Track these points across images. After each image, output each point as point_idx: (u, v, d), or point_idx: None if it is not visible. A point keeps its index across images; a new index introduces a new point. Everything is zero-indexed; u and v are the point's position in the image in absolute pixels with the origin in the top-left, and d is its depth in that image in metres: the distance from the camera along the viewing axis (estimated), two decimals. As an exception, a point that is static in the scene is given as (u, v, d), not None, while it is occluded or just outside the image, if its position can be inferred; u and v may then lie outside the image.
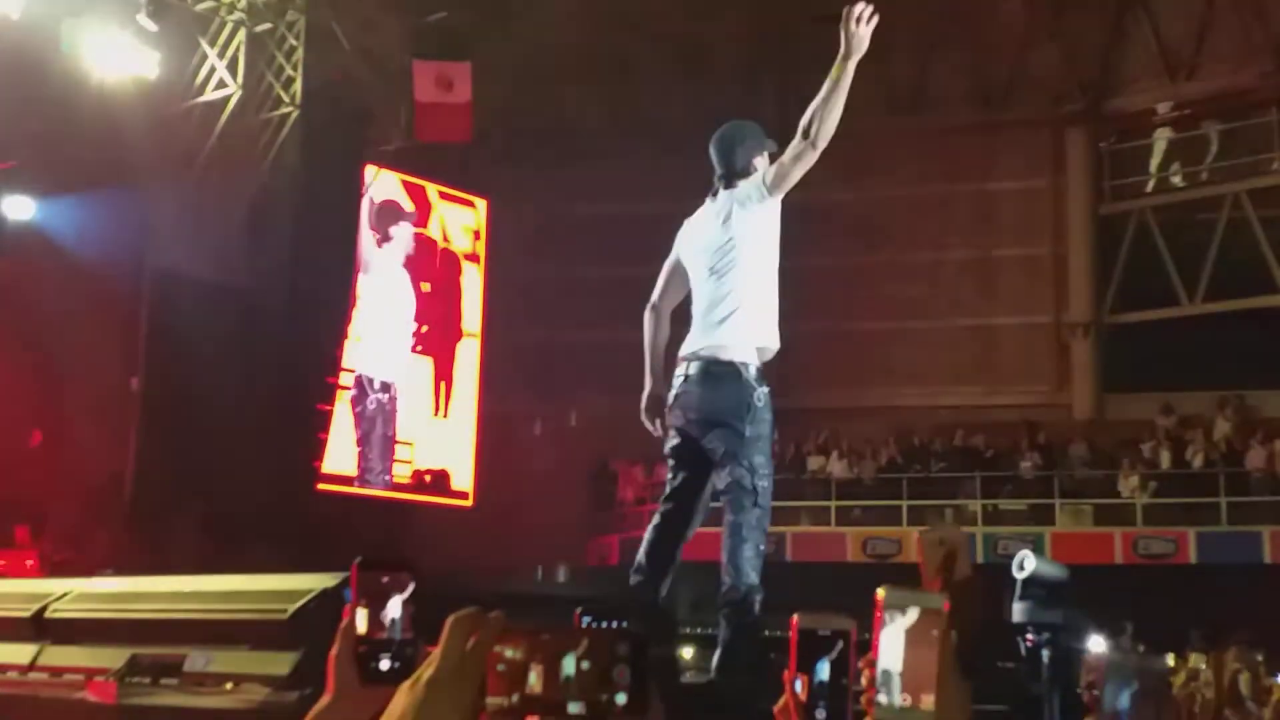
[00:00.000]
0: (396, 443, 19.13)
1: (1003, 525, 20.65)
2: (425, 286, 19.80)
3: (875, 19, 4.67)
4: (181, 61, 19.21)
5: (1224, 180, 23.02)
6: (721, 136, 5.07)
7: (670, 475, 4.90)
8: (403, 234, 19.38)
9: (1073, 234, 23.85)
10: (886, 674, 1.27)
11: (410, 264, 19.54)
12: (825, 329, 21.07)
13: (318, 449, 17.90)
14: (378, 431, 18.87)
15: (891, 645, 1.27)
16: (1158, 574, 19.50)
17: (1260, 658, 12.68)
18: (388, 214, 19.18)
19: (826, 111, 4.71)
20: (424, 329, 19.73)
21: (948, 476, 21.59)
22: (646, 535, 4.85)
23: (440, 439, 19.82)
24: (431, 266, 20.01)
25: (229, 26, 19.51)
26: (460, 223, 20.49)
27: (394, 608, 1.38)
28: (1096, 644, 10.73)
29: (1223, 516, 19.76)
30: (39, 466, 16.61)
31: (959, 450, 21.93)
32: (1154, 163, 24.30)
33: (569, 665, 1.17)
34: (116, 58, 17.61)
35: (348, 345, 18.47)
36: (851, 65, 4.70)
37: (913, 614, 1.28)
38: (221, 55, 19.54)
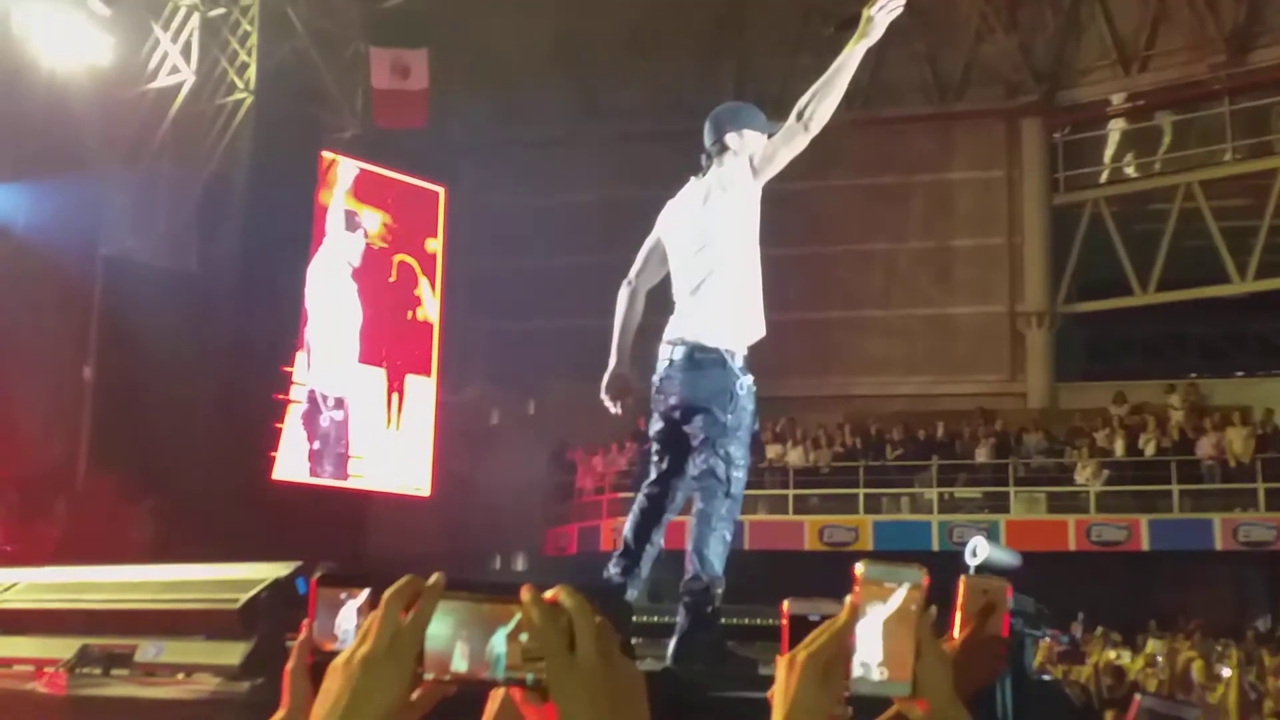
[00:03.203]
0: (349, 458, 18.91)
1: (958, 513, 20.81)
2: (376, 300, 19.44)
3: (899, 9, 4.60)
4: (134, 47, 19.01)
5: (1177, 171, 23.25)
6: (717, 114, 4.97)
7: (655, 459, 4.88)
8: (354, 245, 19.04)
9: (1028, 224, 24.03)
10: (865, 665, 1.26)
11: (359, 275, 19.19)
12: (783, 319, 21.01)
13: (273, 438, 17.76)
14: (331, 449, 18.64)
15: (870, 634, 1.26)
16: (1111, 561, 19.71)
17: (1219, 646, 12.87)
18: (340, 222, 18.91)
19: (826, 94, 4.59)
20: (376, 340, 19.39)
21: (904, 465, 21.73)
22: (630, 518, 4.84)
23: (393, 452, 19.56)
24: (384, 275, 19.62)
25: (182, 11, 19.31)
26: (417, 213, 20.25)
27: (347, 617, 1.34)
28: (1046, 641, 10.84)
29: (1175, 504, 19.97)
30: (-11, 456, 16.41)
31: (915, 438, 22.06)
32: (1108, 153, 24.52)
33: (498, 642, 1.12)
34: (68, 43, 17.41)
35: (299, 357, 18.21)
36: (862, 49, 4.61)
37: (895, 601, 1.27)
38: (175, 40, 19.34)
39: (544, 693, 1.12)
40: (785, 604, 1.39)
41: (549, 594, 1.15)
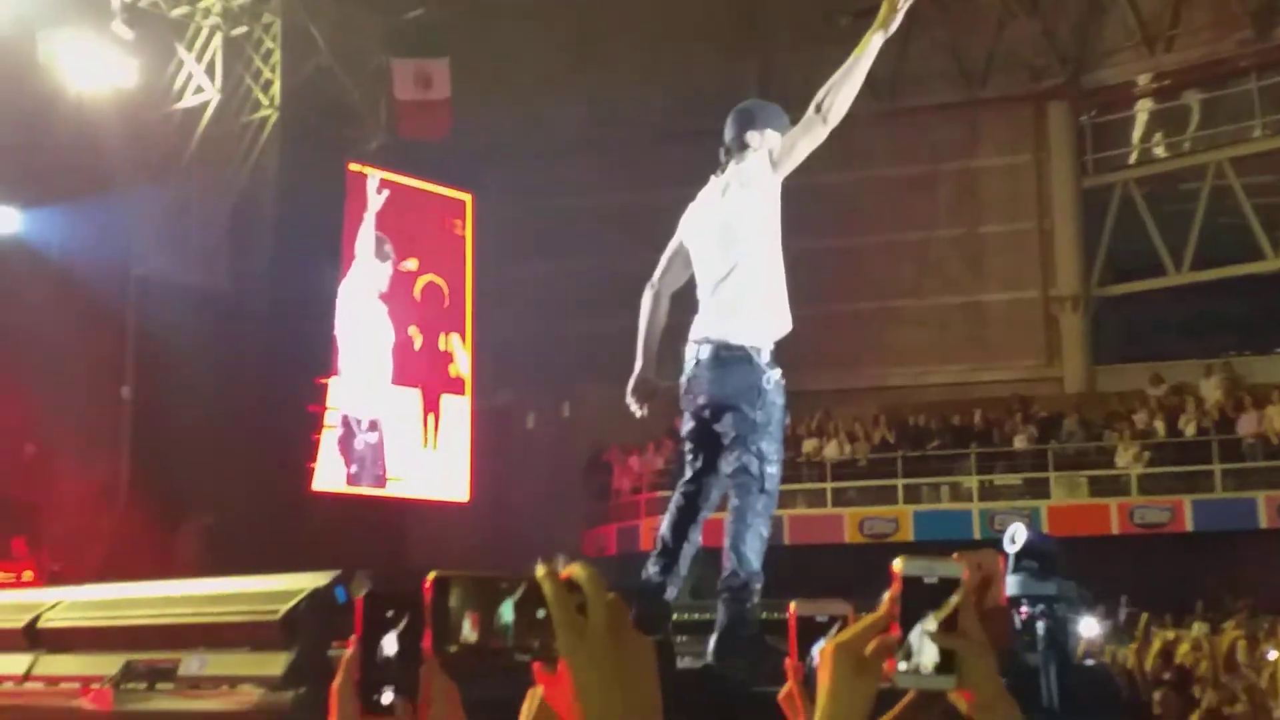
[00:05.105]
0: (388, 480, 18.93)
1: (998, 500, 20.68)
2: (408, 322, 19.49)
3: None
4: (159, 68, 19.18)
5: (1206, 149, 23.04)
6: (740, 110, 4.99)
7: (688, 458, 4.89)
8: (383, 273, 19.05)
9: (1058, 208, 23.88)
10: (919, 662, 1.26)
11: (388, 297, 19.25)
12: (815, 312, 20.99)
13: (311, 449, 17.85)
14: (368, 471, 18.66)
15: (923, 638, 1.27)
16: (1154, 543, 19.54)
17: (1266, 624, 12.74)
18: (370, 248, 18.93)
19: (843, 85, 4.58)
20: (409, 361, 19.39)
21: (942, 454, 21.60)
22: (667, 518, 4.85)
23: (431, 471, 19.56)
24: (414, 297, 19.66)
25: (205, 31, 19.47)
26: (445, 230, 20.22)
27: (389, 646, 1.34)
28: (1089, 627, 10.75)
29: (1217, 483, 19.78)
30: (33, 478, 16.58)
31: (952, 427, 21.94)
32: (1136, 134, 24.32)
33: (506, 611, 1.14)
34: (94, 67, 17.57)
35: (333, 381, 18.23)
36: (880, 40, 4.61)
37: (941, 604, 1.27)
38: (199, 60, 19.49)
39: (554, 661, 1.14)
40: (792, 605, 1.40)
41: (564, 570, 1.16)
